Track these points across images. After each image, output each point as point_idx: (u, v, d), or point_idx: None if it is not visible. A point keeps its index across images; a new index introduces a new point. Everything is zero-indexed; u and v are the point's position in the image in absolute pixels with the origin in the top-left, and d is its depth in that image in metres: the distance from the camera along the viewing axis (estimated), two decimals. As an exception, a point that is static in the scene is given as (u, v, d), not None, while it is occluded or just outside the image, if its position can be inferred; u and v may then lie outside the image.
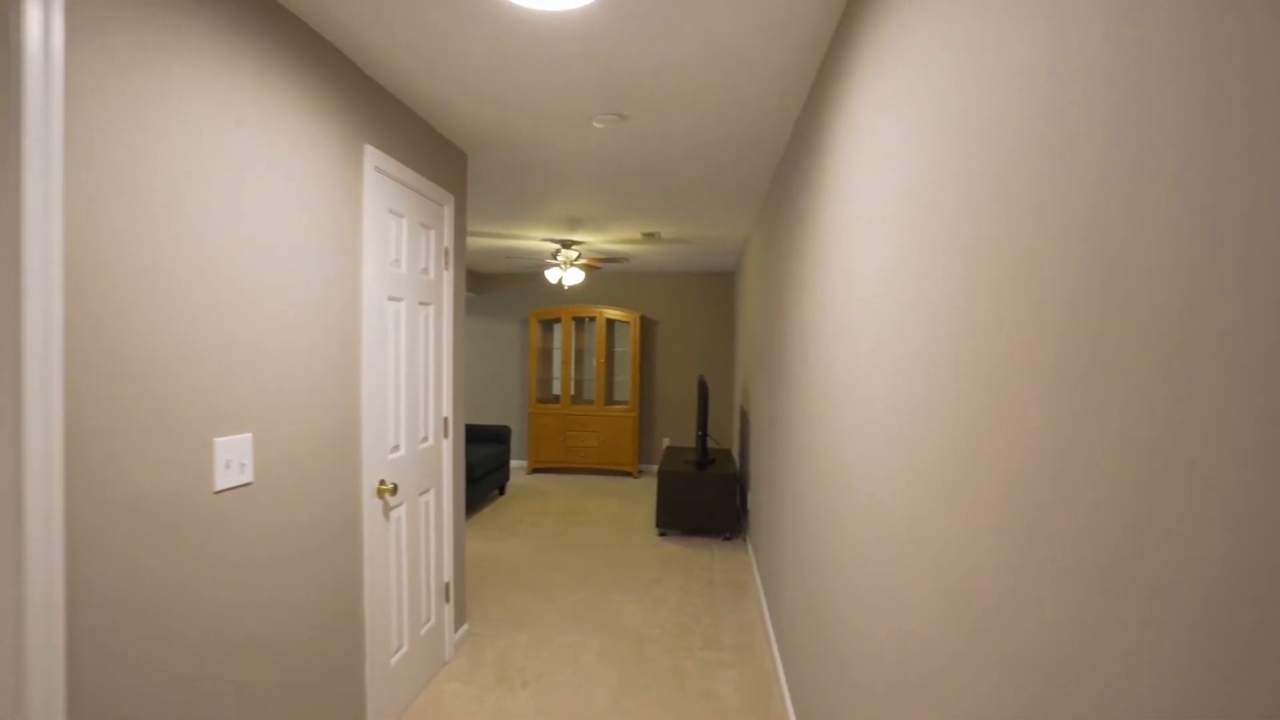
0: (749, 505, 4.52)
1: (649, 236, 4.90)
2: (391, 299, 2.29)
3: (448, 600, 2.76)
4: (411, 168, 2.41)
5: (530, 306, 7.37)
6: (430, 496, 2.62)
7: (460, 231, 2.86)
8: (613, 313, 6.80)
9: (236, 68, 1.49)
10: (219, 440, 1.44)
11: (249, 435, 1.55)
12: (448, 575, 2.76)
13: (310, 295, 1.80)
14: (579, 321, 7.32)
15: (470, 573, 3.84)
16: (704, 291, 7.06)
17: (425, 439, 2.58)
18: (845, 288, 1.59)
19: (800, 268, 2.29)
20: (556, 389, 7.37)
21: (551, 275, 5.27)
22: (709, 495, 4.60)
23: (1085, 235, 0.59)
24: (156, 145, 1.28)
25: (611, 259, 5.18)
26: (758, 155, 2.89)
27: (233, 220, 1.49)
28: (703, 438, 4.88)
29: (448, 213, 2.72)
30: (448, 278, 2.74)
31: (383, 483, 2.20)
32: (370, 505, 2.13)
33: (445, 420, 2.74)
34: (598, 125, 2.51)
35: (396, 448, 2.34)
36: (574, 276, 5.24)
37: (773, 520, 3.09)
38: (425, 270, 2.55)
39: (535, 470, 7.07)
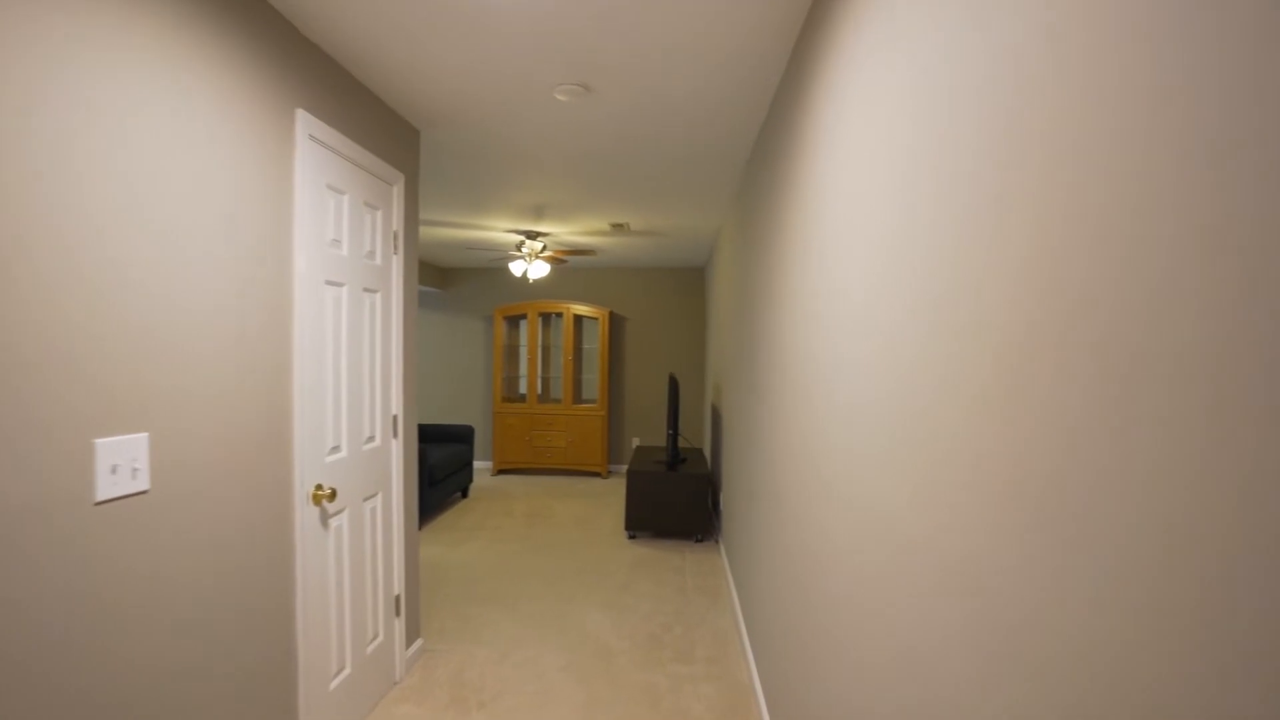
0: (721, 506, 4.37)
1: (618, 228, 4.72)
2: (330, 283, 2.07)
3: (398, 614, 2.53)
4: (355, 140, 2.18)
5: (495, 302, 7.12)
6: (377, 502, 2.39)
7: (412, 214, 2.64)
8: (581, 308, 6.60)
9: (138, 14, 1.26)
10: (102, 442, 1.21)
11: (144, 435, 1.31)
12: (398, 587, 2.53)
13: (229, 275, 1.57)
14: (546, 317, 7.09)
15: (426, 582, 3.60)
16: (674, 287, 6.90)
17: (371, 439, 2.35)
18: (830, 273, 1.43)
19: (777, 255, 2.14)
20: (523, 387, 7.14)
21: (516, 268, 5.04)
22: (680, 496, 4.43)
23: (1150, 209, 0.43)
24: (28, 97, 1.05)
25: (579, 252, 4.98)
26: (731, 136, 2.73)
27: (129, 185, 1.26)
28: (674, 437, 4.72)
29: (397, 193, 2.50)
30: (397, 263, 2.51)
31: (320, 488, 1.97)
32: (305, 513, 1.90)
33: (395, 419, 2.51)
34: (560, 98, 2.31)
35: (337, 449, 2.11)
36: (539, 269, 5.03)
37: (746, 522, 2.93)
38: (371, 254, 2.33)
39: (501, 471, 6.83)
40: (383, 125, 2.38)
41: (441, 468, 4.94)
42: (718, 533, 4.54)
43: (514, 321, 7.09)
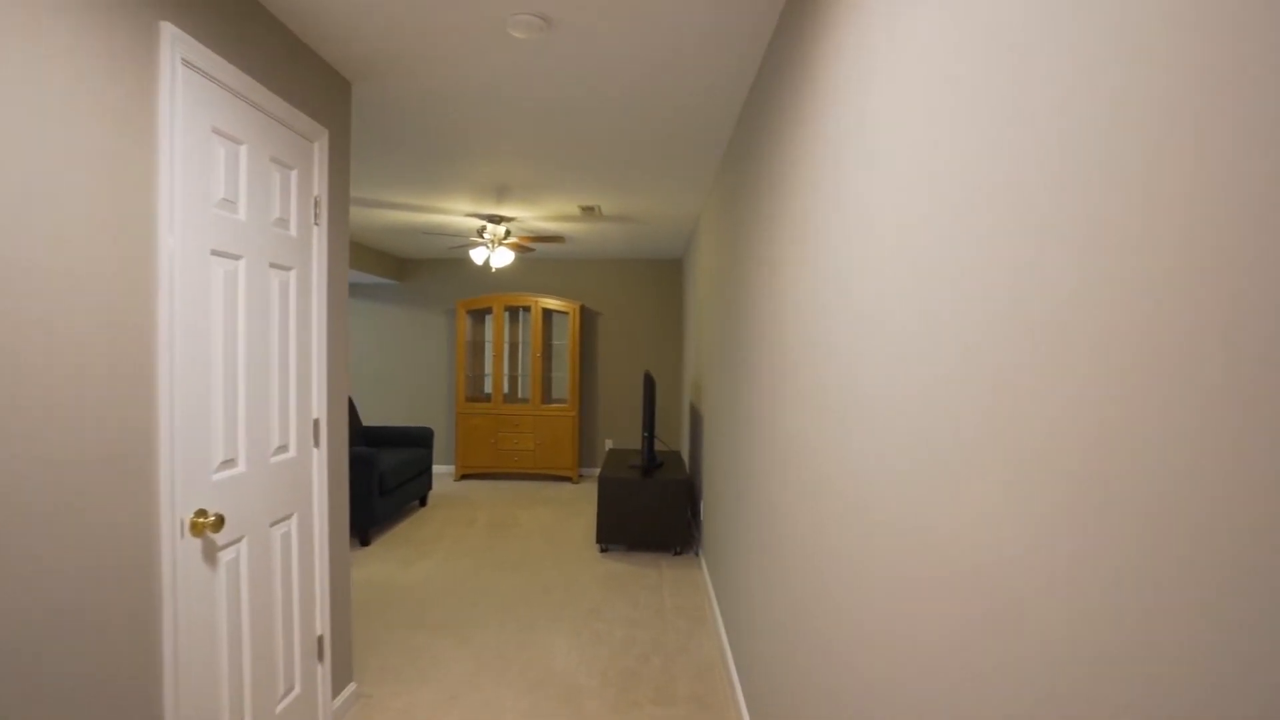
0: (701, 515, 4.00)
1: (588, 211, 4.32)
2: (220, 254, 1.63)
3: (321, 659, 2.11)
4: (261, 82, 1.75)
5: (457, 294, 6.66)
6: (292, 525, 1.97)
7: (340, 178, 2.21)
8: (550, 302, 6.18)
9: None
10: None
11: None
12: (321, 626, 2.11)
13: (45, 239, 1.15)
14: (513, 311, 6.66)
15: (370, 608, 3.17)
16: (650, 279, 6.52)
17: (284, 449, 1.92)
18: (858, 244, 1.06)
19: (774, 235, 1.77)
20: (488, 386, 6.69)
21: (477, 256, 4.61)
22: (656, 504, 4.05)
23: None
24: None
25: (546, 238, 4.57)
26: (716, 89, 2.35)
27: None
28: (649, 440, 4.34)
29: (320, 152, 2.07)
30: (320, 236, 2.08)
31: (202, 514, 1.54)
32: (178, 549, 1.48)
33: (316, 424, 2.09)
34: (517, 34, 1.91)
35: (231, 463, 1.68)
36: (503, 257, 4.60)
37: (733, 535, 2.57)
38: (282, 222, 1.90)
39: (465, 476, 6.38)
40: (301, 69, 1.96)
41: (394, 475, 4.49)
42: (697, 544, 4.17)
43: (478, 316, 6.64)
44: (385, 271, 6.25)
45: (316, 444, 2.09)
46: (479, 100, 2.44)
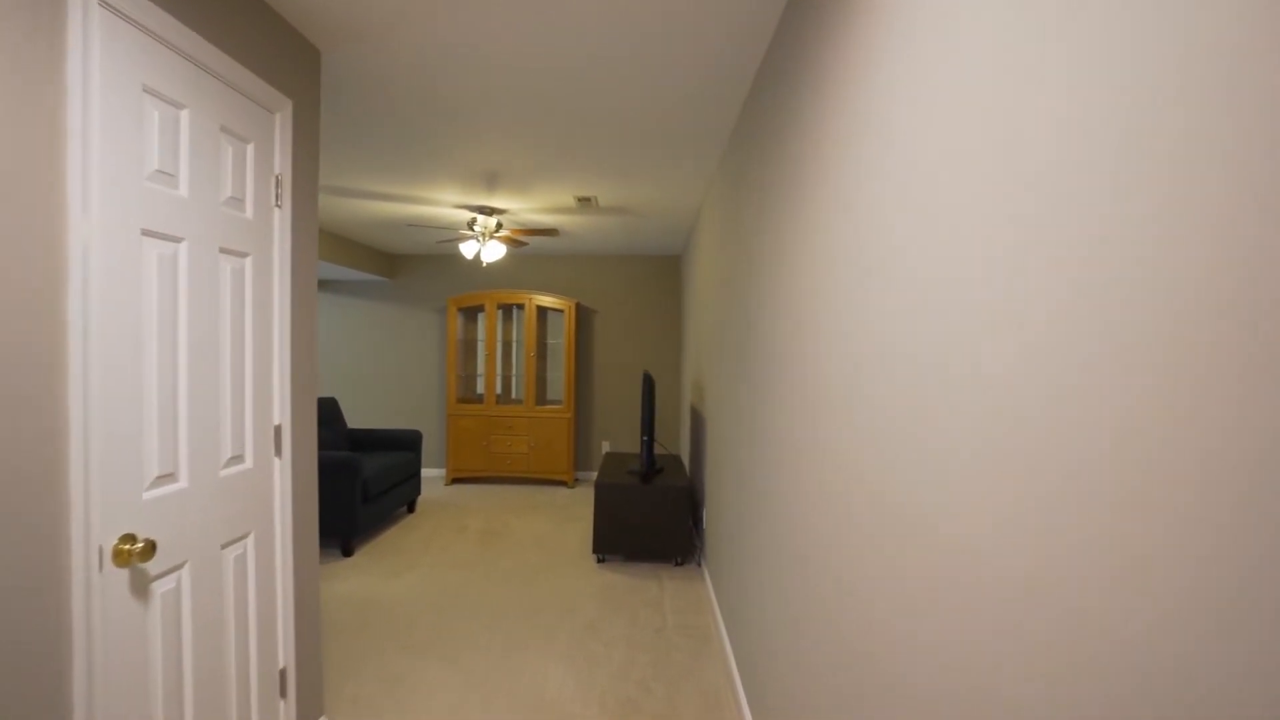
0: (704, 524, 3.78)
1: (584, 203, 4.09)
2: (154, 235, 1.40)
3: (284, 694, 1.87)
4: (208, 39, 1.52)
5: (449, 292, 6.42)
6: (248, 545, 1.73)
7: (307, 157, 1.98)
8: (545, 299, 5.95)
9: None
10: None
11: None
12: (285, 658, 1.87)
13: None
14: (506, 309, 6.42)
15: (348, 629, 2.93)
16: (647, 276, 6.29)
17: (238, 460, 1.69)
18: (909, 227, 0.84)
19: (796, 212, 1.55)
20: (480, 387, 6.45)
21: (467, 249, 4.38)
22: (656, 512, 3.83)
23: None
24: None
25: (540, 232, 4.34)
26: (725, 56, 2.13)
27: None
28: (649, 444, 4.11)
29: (283, 125, 1.84)
30: (283, 220, 1.85)
31: (129, 540, 1.31)
32: (96, 583, 1.24)
33: (278, 431, 1.85)
34: (502, -10, 1.68)
35: (169, 478, 1.45)
36: (494, 251, 4.37)
37: (740, 546, 2.35)
38: (237, 203, 1.67)
39: (455, 480, 6.14)
40: (261, 31, 1.72)
41: (379, 481, 4.26)
42: (700, 554, 3.95)
43: (470, 314, 6.40)
44: (375, 268, 6.01)
45: (278, 453, 1.86)
46: (465, 70, 2.21)
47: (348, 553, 3.93)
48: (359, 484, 3.94)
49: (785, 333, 1.72)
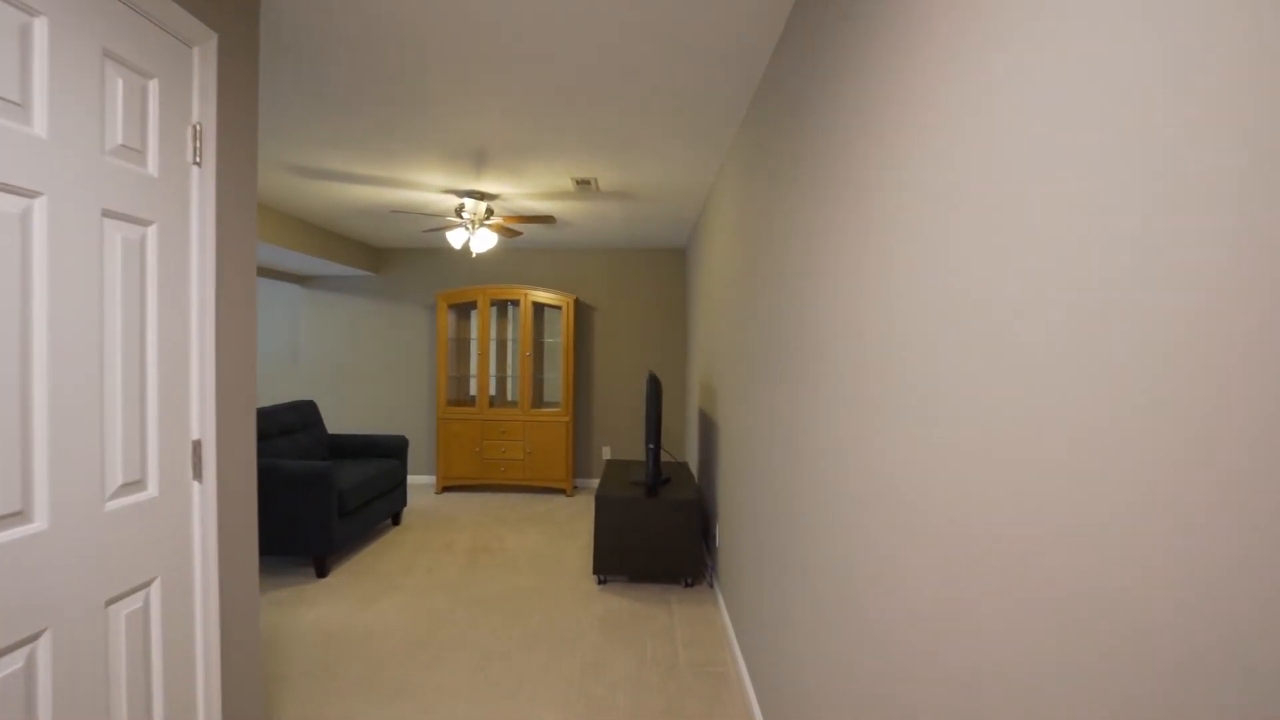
0: (717, 540, 3.40)
1: (582, 186, 3.70)
2: (-11, 185, 1.02)
3: (207, 779, 1.49)
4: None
5: (439, 287, 6.03)
6: (150, 596, 1.35)
7: (239, 107, 1.59)
8: (541, 295, 5.56)
9: None
10: None
11: None
12: (207, 732, 1.49)
13: None
14: (500, 306, 6.03)
15: (308, 674, 2.54)
16: (650, 270, 5.91)
17: (135, 487, 1.31)
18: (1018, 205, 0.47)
19: (849, 199, 1.16)
20: (473, 388, 6.06)
21: (455, 238, 3.99)
22: (663, 528, 3.45)
23: None
24: None
25: (534, 219, 3.95)
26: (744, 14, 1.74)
27: None
28: (655, 452, 3.73)
29: (204, 62, 1.46)
30: (203, 182, 1.47)
31: (-61, 612, 0.92)
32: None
33: (197, 448, 1.47)
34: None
35: (14, 518, 1.06)
36: (485, 240, 3.98)
37: (765, 571, 1.96)
38: (132, 154, 1.29)
39: (446, 489, 5.75)
40: (161, -71, 1.34)
41: (359, 492, 3.87)
42: (711, 573, 3.56)
43: (462, 310, 6.02)
44: (359, 262, 5.63)
45: (198, 475, 1.47)
46: (444, 18, 1.82)
47: (322, 573, 3.55)
48: (334, 497, 3.56)
49: (834, 333, 1.33)
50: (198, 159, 1.45)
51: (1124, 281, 0.57)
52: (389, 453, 4.64)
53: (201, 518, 1.48)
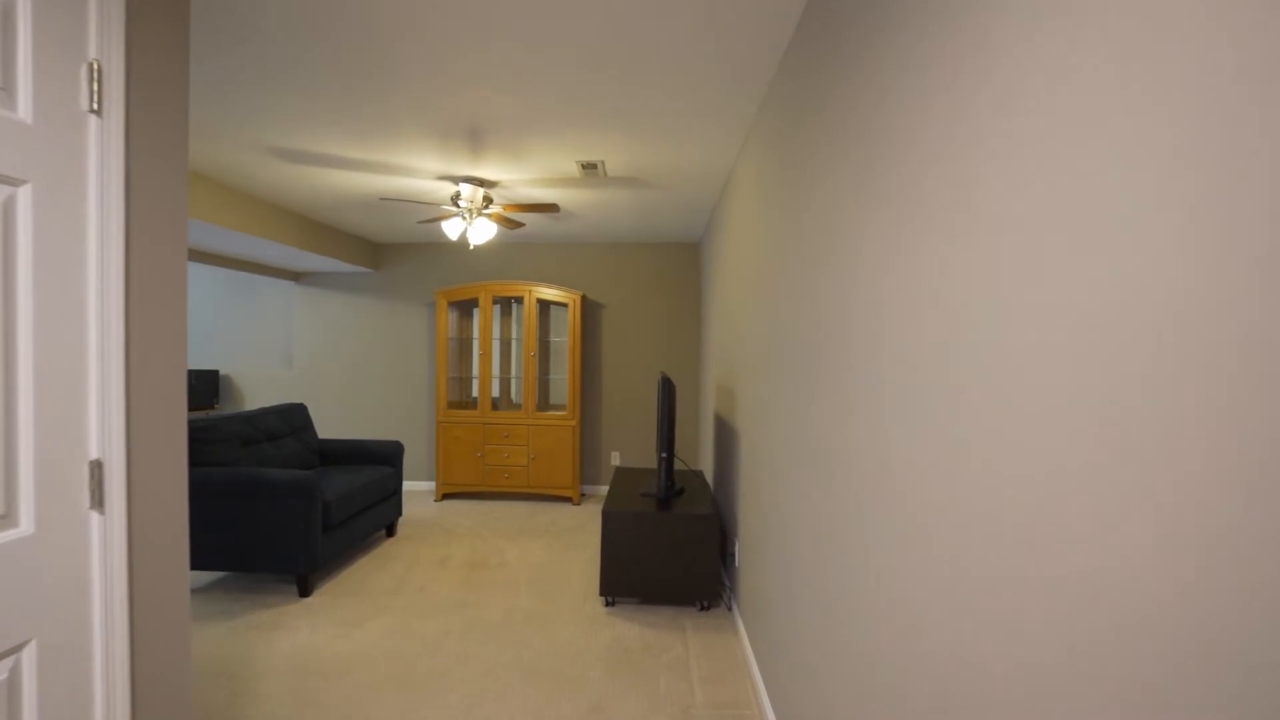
0: (737, 558, 3.07)
1: (589, 170, 3.39)
2: None
3: None
4: None
5: (439, 283, 5.74)
6: (19, 666, 1.05)
7: (160, 48, 1.29)
8: (546, 291, 5.26)
9: None
10: None
11: None
12: (111, 827, 1.18)
13: None
14: (503, 303, 5.73)
15: (273, 715, 2.24)
16: (662, 265, 5.59)
17: (1, 521, 1.00)
18: None
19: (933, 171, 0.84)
20: (475, 390, 5.77)
21: (451, 228, 3.69)
22: (677, 545, 3.13)
23: None
24: None
25: (537, 207, 3.64)
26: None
27: None
28: (668, 461, 3.41)
29: (105, -16, 1.15)
30: (106, 136, 1.17)
31: None
32: None
33: (95, 469, 1.17)
34: None
35: None
36: (483, 231, 3.68)
37: (798, 601, 1.64)
38: (-10, 89, 0.99)
39: (446, 496, 5.46)
40: None
41: (348, 503, 3.57)
42: (730, 595, 3.24)
43: (463, 308, 5.72)
44: (356, 258, 5.35)
45: (98, 505, 1.17)
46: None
47: (305, 592, 3.25)
48: (318, 508, 3.26)
49: (889, 333, 1.01)
50: (95, 106, 1.15)
51: None
52: (382, 460, 4.34)
53: (104, 557, 1.17)
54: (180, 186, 1.36)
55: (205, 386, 5.61)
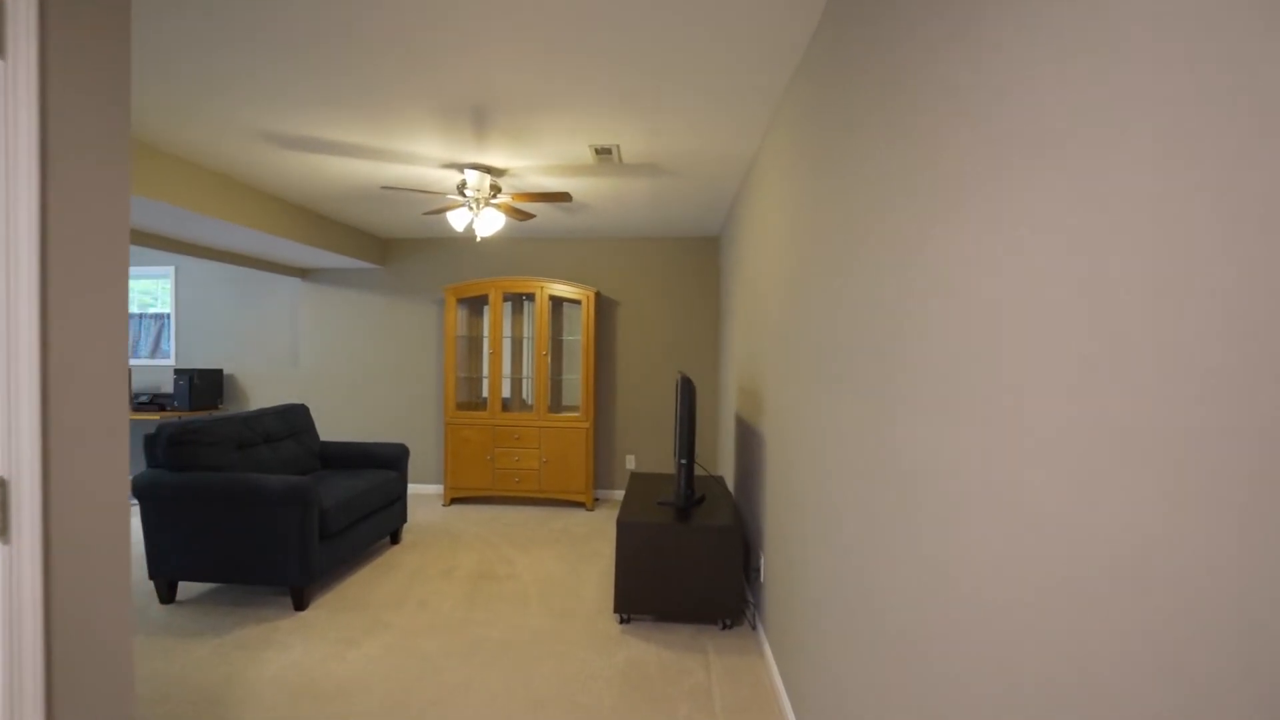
0: (762, 573, 2.83)
1: (602, 156, 3.16)
2: None
3: None
4: None
5: (447, 280, 5.55)
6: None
7: (86, -19, 1.08)
8: (559, 288, 5.04)
9: None
10: None
11: None
12: None
13: None
14: (515, 300, 5.52)
15: (263, 740, 2.04)
16: (679, 260, 5.35)
17: None
18: None
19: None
20: (484, 391, 5.57)
21: (457, 219, 3.49)
22: (698, 559, 2.89)
23: None
24: None
25: (548, 197, 3.42)
26: None
27: None
28: (688, 468, 3.17)
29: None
30: (6, 82, 0.96)
31: None
32: None
33: (0, 489, 0.96)
34: None
35: None
36: (491, 221, 3.47)
37: (834, 625, 1.40)
38: None
39: (455, 500, 5.27)
40: None
41: (347, 510, 3.38)
42: (755, 614, 3.00)
43: (473, 306, 5.52)
44: (363, 253, 5.17)
45: (1, 533, 0.96)
46: None
47: (300, 605, 3.06)
48: (314, 517, 3.06)
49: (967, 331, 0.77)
50: (2, 52, 0.94)
51: None
52: (386, 463, 4.15)
53: (9, 596, 0.96)
54: (120, 150, 1.15)
55: (210, 386, 5.46)
